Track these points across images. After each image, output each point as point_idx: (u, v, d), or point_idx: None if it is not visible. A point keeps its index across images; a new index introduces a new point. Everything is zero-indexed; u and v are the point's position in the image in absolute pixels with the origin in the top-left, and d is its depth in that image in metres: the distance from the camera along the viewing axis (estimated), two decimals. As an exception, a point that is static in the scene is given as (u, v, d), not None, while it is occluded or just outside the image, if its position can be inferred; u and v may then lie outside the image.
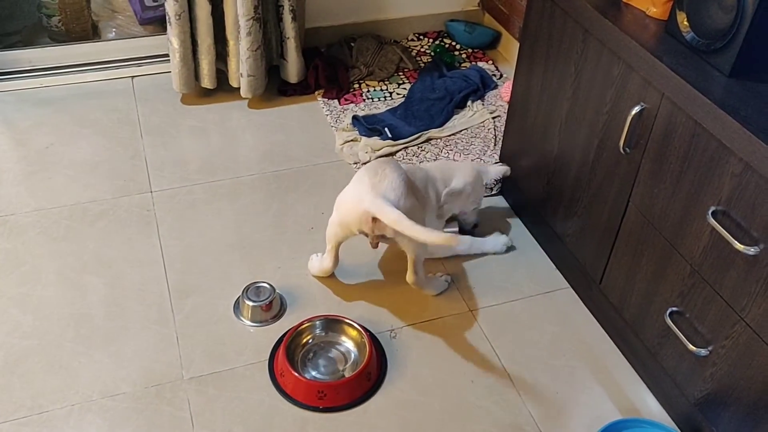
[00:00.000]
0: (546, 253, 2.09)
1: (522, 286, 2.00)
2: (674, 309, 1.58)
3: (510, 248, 2.10)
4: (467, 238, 2.07)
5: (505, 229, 2.17)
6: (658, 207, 1.58)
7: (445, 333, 1.86)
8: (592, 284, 1.88)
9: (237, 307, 1.88)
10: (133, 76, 2.75)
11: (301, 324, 1.78)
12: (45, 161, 2.34)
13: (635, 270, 1.69)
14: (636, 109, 1.57)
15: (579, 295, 1.97)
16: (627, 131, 1.60)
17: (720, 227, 1.39)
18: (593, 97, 1.73)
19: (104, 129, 2.50)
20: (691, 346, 1.52)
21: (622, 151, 1.63)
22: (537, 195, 2.07)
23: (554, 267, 2.06)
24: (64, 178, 2.28)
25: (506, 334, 1.87)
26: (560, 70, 1.84)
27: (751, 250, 1.33)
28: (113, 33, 2.88)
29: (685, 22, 1.50)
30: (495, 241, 2.09)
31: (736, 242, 1.35)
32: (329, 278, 1.99)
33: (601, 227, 1.79)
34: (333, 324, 1.81)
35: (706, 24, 1.46)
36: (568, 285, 2.00)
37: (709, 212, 1.42)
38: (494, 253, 2.08)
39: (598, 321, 1.90)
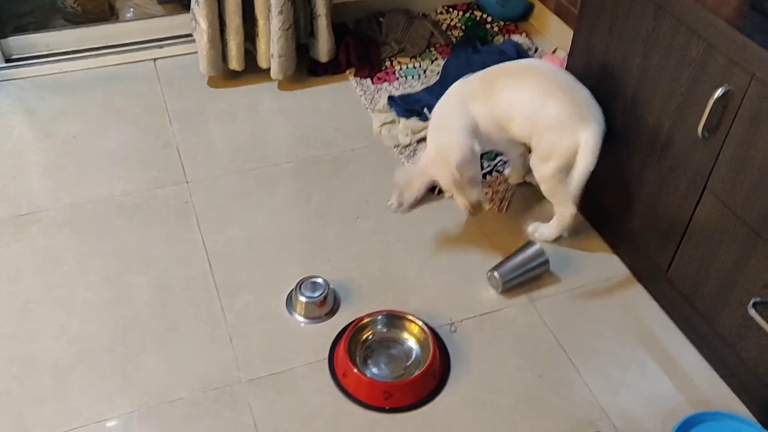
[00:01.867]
0: (604, 239, 2.02)
1: (581, 274, 1.93)
2: (758, 300, 1.51)
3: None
4: None
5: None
6: (742, 194, 1.50)
7: (507, 325, 1.79)
8: (658, 272, 1.81)
9: (290, 303, 1.80)
10: (155, 59, 2.63)
11: (362, 319, 1.71)
12: (73, 153, 2.23)
13: (711, 259, 1.62)
14: (719, 92, 1.48)
15: (642, 284, 1.90)
16: (708, 115, 1.51)
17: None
18: (665, 78, 1.64)
19: (131, 116, 2.39)
20: (778, 339, 1.46)
21: (700, 135, 1.55)
22: (595, 180, 1.98)
23: (613, 253, 1.99)
24: (95, 170, 2.18)
25: (569, 324, 1.80)
26: (625, 48, 1.75)
27: None
28: (131, 13, 2.76)
29: (776, -1, 1.41)
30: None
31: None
32: (381, 269, 1.91)
33: (671, 214, 1.71)
34: (393, 320, 1.74)
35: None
36: (630, 272, 1.93)
37: (806, 201, 1.34)
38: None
39: (664, 310, 1.83)
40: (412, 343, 1.72)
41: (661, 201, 1.74)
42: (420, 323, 1.71)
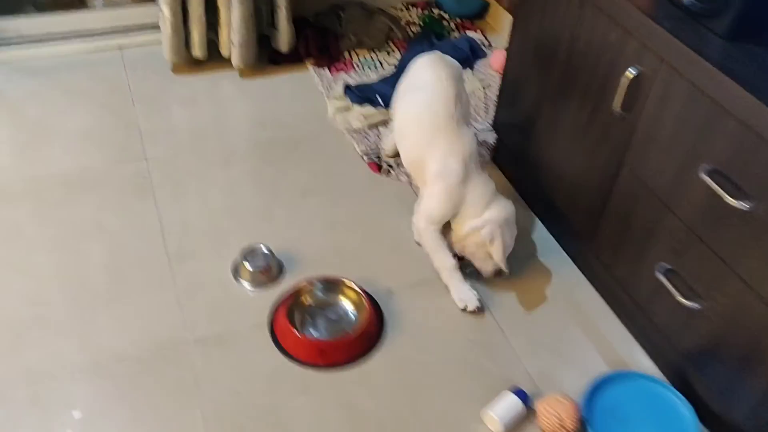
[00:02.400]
0: (535, 213, 2.14)
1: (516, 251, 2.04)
2: (667, 266, 1.63)
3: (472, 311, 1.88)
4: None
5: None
6: (652, 168, 1.62)
7: (442, 293, 1.90)
8: (583, 243, 1.93)
9: (236, 270, 1.90)
10: (122, 47, 2.73)
11: (300, 285, 1.81)
12: (38, 131, 2.33)
13: (626, 228, 1.74)
14: (632, 73, 1.60)
15: (569, 254, 2.01)
16: (623, 94, 1.64)
17: (714, 184, 1.43)
18: (588, 62, 1.76)
19: (96, 99, 2.48)
20: (683, 300, 1.57)
21: (616, 113, 1.67)
22: (529, 160, 2.11)
23: (543, 226, 2.10)
24: (59, 147, 2.27)
25: (499, 294, 1.91)
26: (554, 34, 1.87)
27: (746, 206, 1.38)
28: (100, 2, 2.85)
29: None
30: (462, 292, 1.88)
31: (730, 198, 1.39)
32: (325, 241, 2.01)
33: (594, 187, 1.83)
34: (331, 285, 1.84)
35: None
36: (557, 244, 2.05)
37: (704, 171, 1.46)
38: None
39: (588, 279, 1.95)
40: (349, 307, 1.82)
41: (586, 175, 1.86)
42: (356, 288, 1.81)
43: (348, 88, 2.57)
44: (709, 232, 1.50)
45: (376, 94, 2.53)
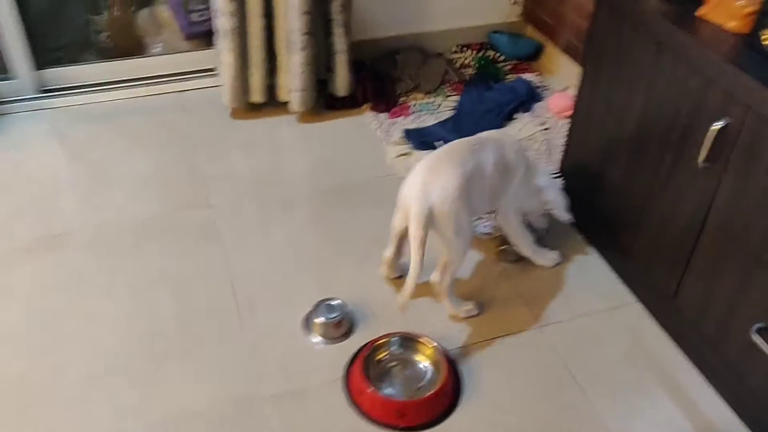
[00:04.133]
0: (611, 267, 2.08)
1: (588, 301, 1.99)
2: (761, 325, 1.56)
3: (559, 264, 2.09)
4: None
5: (564, 242, 2.16)
6: (742, 222, 1.56)
7: (518, 350, 1.85)
8: (665, 299, 1.87)
9: (307, 323, 1.87)
10: (180, 91, 2.76)
11: (377, 340, 1.77)
12: (101, 176, 2.34)
13: (715, 285, 1.68)
14: (719, 124, 1.56)
15: (649, 311, 1.95)
16: (709, 147, 1.59)
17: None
18: (667, 112, 1.72)
19: (157, 144, 2.50)
20: (780, 363, 1.50)
21: (700, 165, 1.62)
22: (602, 209, 2.06)
23: (620, 281, 2.05)
24: (122, 193, 2.28)
25: (577, 350, 1.86)
26: (629, 82, 1.84)
27: None
28: (159, 47, 2.89)
29: (769, 38, 1.50)
30: (545, 255, 2.08)
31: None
32: (394, 296, 1.98)
33: (676, 242, 1.78)
34: (407, 341, 1.80)
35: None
36: (637, 299, 1.99)
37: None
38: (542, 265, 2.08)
39: (671, 337, 1.88)
40: (425, 364, 1.77)
41: (667, 229, 1.81)
42: (433, 345, 1.77)
43: (407, 132, 2.56)
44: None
45: (436, 139, 2.51)
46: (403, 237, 1.88)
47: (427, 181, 1.73)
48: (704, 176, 1.65)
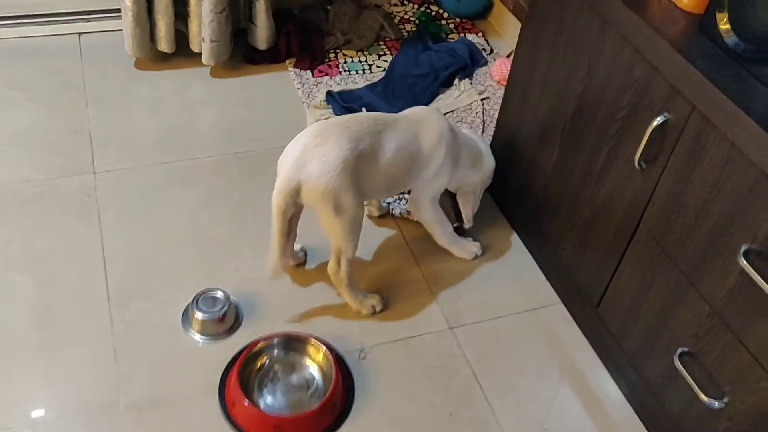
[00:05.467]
0: (537, 262, 1.89)
1: (508, 300, 1.80)
2: (685, 350, 1.39)
3: (479, 256, 1.89)
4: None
5: (489, 232, 1.95)
6: (676, 235, 1.37)
7: (422, 354, 1.66)
8: (588, 306, 1.69)
9: (186, 317, 1.64)
10: (78, 33, 2.44)
11: (257, 343, 1.55)
12: (-28, 131, 2.05)
13: (641, 300, 1.49)
14: (658, 120, 1.34)
15: (573, 315, 1.77)
16: (645, 144, 1.38)
17: (753, 271, 1.18)
18: (607, 98, 1.50)
19: (44, 94, 2.20)
20: (702, 396, 1.33)
21: (636, 165, 1.42)
22: (531, 198, 1.85)
23: (545, 279, 1.86)
24: (-6, 152, 1.99)
25: (490, 357, 1.67)
26: (570, 60, 1.60)
27: (789, 303, 1.14)
28: (59, -19, 2.54)
29: (726, 24, 1.27)
30: (463, 246, 1.87)
31: (772, 293, 1.15)
32: (291, 286, 1.76)
33: (605, 246, 1.58)
34: (295, 343, 1.59)
35: (754, 27, 1.23)
36: (561, 302, 1.80)
37: (741, 251, 1.21)
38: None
39: (592, 346, 1.71)
40: (313, 370, 1.57)
41: (596, 231, 1.61)
42: (324, 348, 1.56)
43: (330, 95, 2.30)
44: (739, 320, 1.26)
45: (361, 105, 2.25)
46: (285, 222, 1.64)
47: (308, 148, 1.51)
48: (640, 177, 1.44)
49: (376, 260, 1.85)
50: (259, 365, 1.55)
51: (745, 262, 1.20)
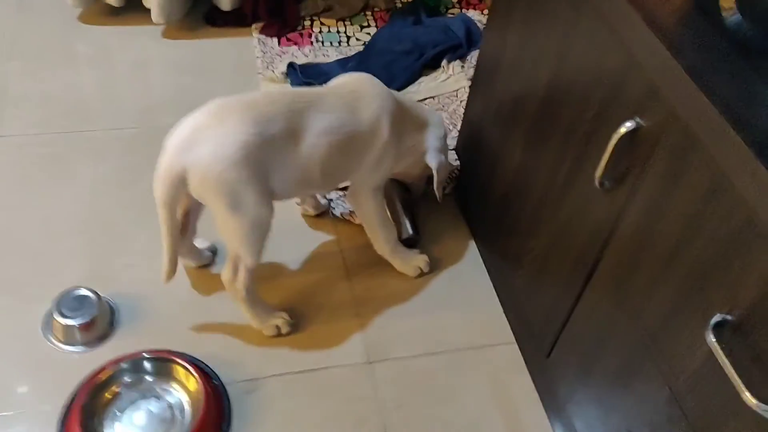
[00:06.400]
0: (494, 284, 1.55)
1: (451, 333, 1.47)
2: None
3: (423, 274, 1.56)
4: None
5: (445, 243, 1.62)
6: (642, 280, 1.01)
7: (327, 393, 1.34)
8: (540, 354, 1.34)
9: (47, 321, 1.37)
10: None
11: (103, 369, 1.26)
12: None
13: (595, 358, 1.15)
14: (626, 127, 0.99)
15: (526, 361, 1.43)
16: (609, 157, 1.02)
17: (723, 356, 0.82)
18: (576, 93, 1.15)
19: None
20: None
21: (597, 183, 1.06)
22: (491, 208, 1.51)
23: (499, 306, 1.52)
24: None
25: (410, 405, 1.34)
26: (540, 42, 1.25)
27: (764, 408, 0.78)
28: None
29: (729, 1, 0.90)
30: (407, 259, 1.55)
31: (745, 391, 0.79)
32: (185, 289, 1.47)
33: (561, 283, 1.23)
34: (160, 364, 1.29)
35: (764, 4, 0.86)
36: (515, 341, 1.46)
37: (711, 322, 0.85)
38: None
39: (543, 407, 1.36)
40: (181, 399, 1.27)
41: (552, 261, 1.26)
42: (196, 375, 1.26)
43: (292, 68, 1.98)
44: (702, 420, 0.90)
45: (325, 81, 1.93)
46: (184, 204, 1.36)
47: (200, 128, 1.22)
48: (604, 200, 1.09)
49: (300, 269, 1.55)
50: (114, 389, 1.26)
51: (713, 339, 0.84)
